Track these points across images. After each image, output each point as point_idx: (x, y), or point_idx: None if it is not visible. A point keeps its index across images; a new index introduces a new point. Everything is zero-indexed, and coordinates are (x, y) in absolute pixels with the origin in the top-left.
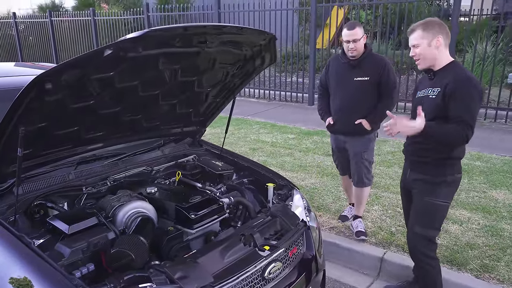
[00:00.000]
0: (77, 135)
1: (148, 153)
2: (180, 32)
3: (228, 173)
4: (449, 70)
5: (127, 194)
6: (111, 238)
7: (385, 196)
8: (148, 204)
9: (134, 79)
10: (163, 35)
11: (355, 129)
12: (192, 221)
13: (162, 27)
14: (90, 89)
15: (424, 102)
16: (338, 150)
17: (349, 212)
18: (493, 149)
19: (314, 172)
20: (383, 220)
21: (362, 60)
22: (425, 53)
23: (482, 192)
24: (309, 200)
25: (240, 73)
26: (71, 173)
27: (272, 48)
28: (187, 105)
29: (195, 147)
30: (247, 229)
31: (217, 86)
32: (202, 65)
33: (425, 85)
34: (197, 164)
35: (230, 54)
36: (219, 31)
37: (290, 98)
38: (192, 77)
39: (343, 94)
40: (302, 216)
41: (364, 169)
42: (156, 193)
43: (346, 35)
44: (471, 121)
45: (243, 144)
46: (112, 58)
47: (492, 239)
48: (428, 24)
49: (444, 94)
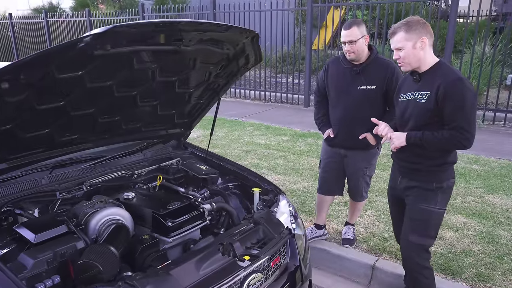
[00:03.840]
0: (49, 138)
1: (129, 157)
2: (151, 29)
3: (212, 177)
4: (438, 72)
5: (102, 200)
6: (80, 248)
7: (379, 201)
8: (123, 210)
9: (107, 79)
10: (131, 32)
11: (358, 143)
12: (169, 229)
13: (130, 23)
14: (58, 89)
15: (410, 107)
16: (332, 165)
17: (309, 233)
18: (491, 152)
19: (307, 175)
20: (376, 226)
21: (367, 66)
22: (410, 55)
23: (479, 196)
24: (301, 204)
25: (224, 73)
26: (44, 178)
27: (255, 47)
28: (169, 107)
29: (179, 150)
30: (227, 237)
31: (200, 86)
32: (182, 64)
33: (410, 87)
34: (180, 168)
35: (211, 53)
36: (195, 28)
37: (285, 100)
38: (172, 77)
39: (345, 104)
40: (287, 223)
41: (364, 184)
42: (134, 198)
43: (343, 36)
44: (467, 126)
45: (236, 146)
46: (77, 56)
47: (488, 246)
48: (411, 24)
49: (436, 99)
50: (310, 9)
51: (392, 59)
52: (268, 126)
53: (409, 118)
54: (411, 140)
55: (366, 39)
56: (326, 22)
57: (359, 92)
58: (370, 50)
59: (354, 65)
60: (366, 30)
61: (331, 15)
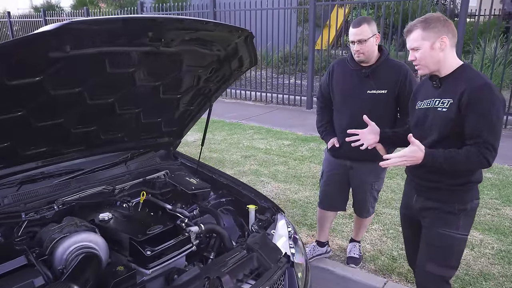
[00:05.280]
0: (11, 152)
1: (111, 169)
2: (119, 26)
3: (203, 193)
4: (461, 76)
5: (73, 223)
6: (38, 286)
7: (386, 213)
8: (97, 236)
9: (74, 85)
10: (94, 29)
11: (366, 154)
12: (147, 259)
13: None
14: (12, 97)
15: (430, 116)
16: (335, 178)
17: (311, 250)
18: (504, 158)
19: (309, 184)
20: (384, 242)
21: (377, 68)
22: (427, 57)
23: (495, 209)
24: (302, 217)
25: (215, 77)
26: (7, 196)
27: (250, 48)
28: (154, 114)
29: (169, 160)
30: (215, 268)
31: (188, 92)
32: (166, 68)
33: (428, 94)
34: (168, 181)
35: (199, 55)
36: (176, 26)
37: (287, 101)
38: (155, 82)
39: (352, 110)
40: (285, 249)
41: (371, 199)
42: (110, 220)
43: (351, 34)
44: (493, 140)
45: (235, 151)
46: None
47: (509, 268)
48: (429, 22)
49: (459, 107)
50: (313, 7)
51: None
52: (269, 129)
53: (430, 130)
54: (428, 163)
55: (377, 38)
56: (329, 21)
57: (368, 97)
58: (380, 51)
59: (363, 67)
60: (376, 28)
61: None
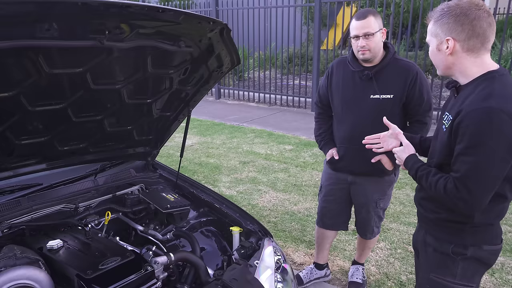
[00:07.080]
0: None
1: (76, 184)
2: (31, 10)
3: (180, 212)
4: (476, 88)
5: (11, 255)
6: None
7: (394, 229)
8: (40, 271)
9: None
10: None
11: (370, 168)
12: None
13: None
14: None
15: (438, 133)
16: (335, 193)
17: (308, 273)
18: None
19: (310, 194)
20: (391, 264)
21: (382, 69)
22: (432, 56)
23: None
24: (300, 232)
25: (191, 79)
26: None
27: (228, 44)
28: (122, 122)
29: (146, 172)
30: None
31: (160, 96)
32: (123, 68)
33: (448, 103)
34: (141, 198)
35: (164, 53)
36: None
37: (292, 103)
38: (115, 85)
39: (353, 117)
40: (270, 285)
41: (376, 218)
42: (60, 250)
43: (355, 28)
44: (474, 184)
45: (234, 157)
46: None
47: None
48: (444, 14)
49: (452, 129)
50: (318, 5)
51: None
52: (271, 132)
53: (434, 150)
54: (408, 164)
55: (384, 33)
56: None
57: (372, 103)
58: (385, 49)
59: (366, 68)
60: (382, 23)
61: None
